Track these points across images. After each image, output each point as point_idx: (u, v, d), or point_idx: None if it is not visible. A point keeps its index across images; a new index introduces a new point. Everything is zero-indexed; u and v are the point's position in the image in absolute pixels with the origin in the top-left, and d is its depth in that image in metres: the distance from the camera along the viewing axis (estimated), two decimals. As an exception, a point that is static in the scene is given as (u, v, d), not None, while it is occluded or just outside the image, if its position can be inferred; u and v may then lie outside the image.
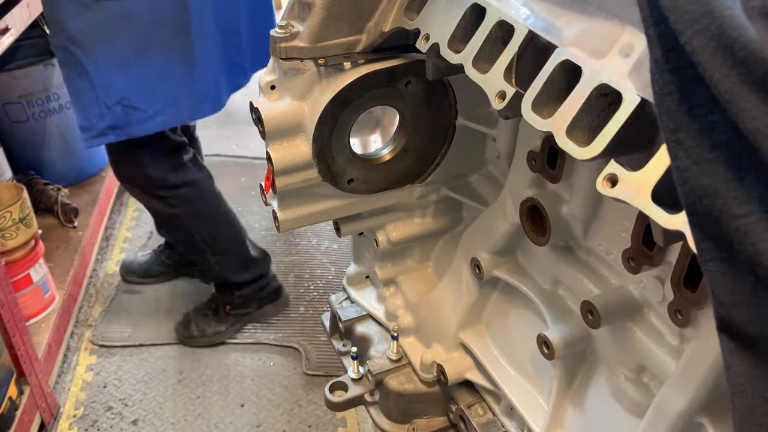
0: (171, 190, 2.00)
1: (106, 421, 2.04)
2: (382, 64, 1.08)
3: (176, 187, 2.00)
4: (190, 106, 1.83)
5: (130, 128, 1.77)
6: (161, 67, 1.74)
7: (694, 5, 0.47)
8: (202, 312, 2.31)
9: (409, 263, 1.45)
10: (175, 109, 1.81)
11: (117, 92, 1.72)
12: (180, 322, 2.33)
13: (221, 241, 2.18)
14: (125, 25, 1.67)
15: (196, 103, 1.84)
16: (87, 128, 1.76)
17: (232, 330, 2.31)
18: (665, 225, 0.57)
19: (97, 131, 1.76)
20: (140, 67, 1.72)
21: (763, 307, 0.48)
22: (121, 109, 1.73)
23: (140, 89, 1.74)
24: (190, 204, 2.05)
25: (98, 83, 1.71)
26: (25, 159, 2.67)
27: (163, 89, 1.76)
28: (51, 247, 2.41)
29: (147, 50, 1.71)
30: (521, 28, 0.76)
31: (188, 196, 2.04)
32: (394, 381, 1.36)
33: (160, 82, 1.75)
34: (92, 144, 1.80)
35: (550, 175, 1.00)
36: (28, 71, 2.54)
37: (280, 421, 2.01)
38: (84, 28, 1.66)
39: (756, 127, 0.44)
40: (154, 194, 2.02)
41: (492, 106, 0.79)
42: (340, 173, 1.18)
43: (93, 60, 1.69)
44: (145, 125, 1.78)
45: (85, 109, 1.74)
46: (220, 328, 2.30)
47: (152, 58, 1.72)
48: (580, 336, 1.03)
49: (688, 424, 0.82)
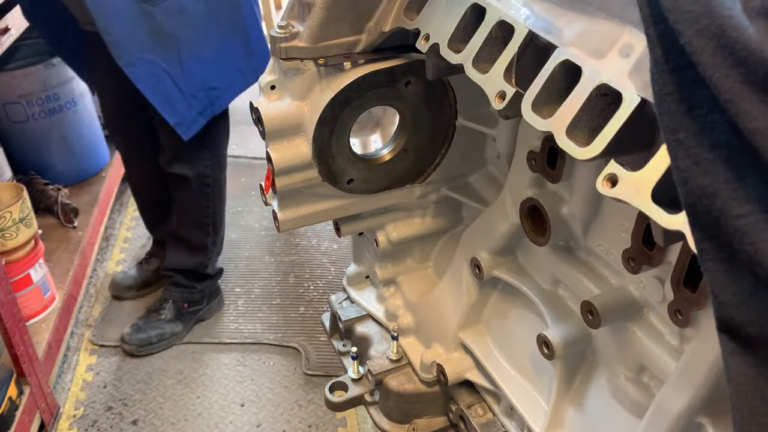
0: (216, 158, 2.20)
1: (106, 421, 2.04)
2: (382, 64, 1.08)
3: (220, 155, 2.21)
4: (252, 69, 2.02)
5: (213, 107, 1.99)
6: (223, 45, 1.94)
7: (694, 5, 0.47)
8: (156, 316, 2.29)
9: (409, 263, 1.45)
10: (241, 77, 2.01)
11: (197, 80, 1.92)
12: (129, 333, 2.26)
13: (220, 223, 2.30)
14: (184, 18, 1.85)
15: (255, 65, 2.01)
16: (181, 123, 1.93)
17: (185, 330, 2.32)
18: (665, 225, 0.57)
19: (191, 121, 1.94)
20: (208, 52, 1.91)
21: (763, 307, 0.48)
22: (204, 93, 1.94)
23: (214, 71, 1.94)
24: (219, 180, 2.23)
25: (179, 78, 1.88)
26: (25, 159, 2.67)
27: (229, 63, 1.97)
28: (51, 247, 2.41)
29: (209, 36, 1.90)
30: (521, 28, 0.76)
31: (223, 170, 2.24)
32: (394, 381, 1.36)
33: (226, 59, 1.96)
34: (189, 134, 1.95)
35: (550, 175, 1.00)
36: (28, 71, 2.54)
37: (280, 421, 2.02)
38: (150, 34, 1.80)
39: (756, 127, 0.44)
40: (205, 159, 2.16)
41: (492, 106, 0.79)
42: (340, 173, 1.18)
43: (168, 60, 1.84)
44: (223, 100, 2.01)
45: (174, 107, 1.90)
46: (177, 328, 2.30)
47: (215, 40, 1.92)
48: (580, 336, 1.03)
49: (688, 424, 0.82)
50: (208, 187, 2.19)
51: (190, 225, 2.26)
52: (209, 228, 2.26)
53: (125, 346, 2.25)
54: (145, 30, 1.79)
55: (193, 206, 2.22)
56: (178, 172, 2.13)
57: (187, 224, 2.27)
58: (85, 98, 2.81)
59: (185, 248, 2.30)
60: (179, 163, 2.12)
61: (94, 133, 2.90)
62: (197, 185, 2.17)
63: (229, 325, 2.38)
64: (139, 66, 1.81)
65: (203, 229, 2.26)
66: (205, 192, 2.20)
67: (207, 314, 2.38)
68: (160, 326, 2.27)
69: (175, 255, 2.33)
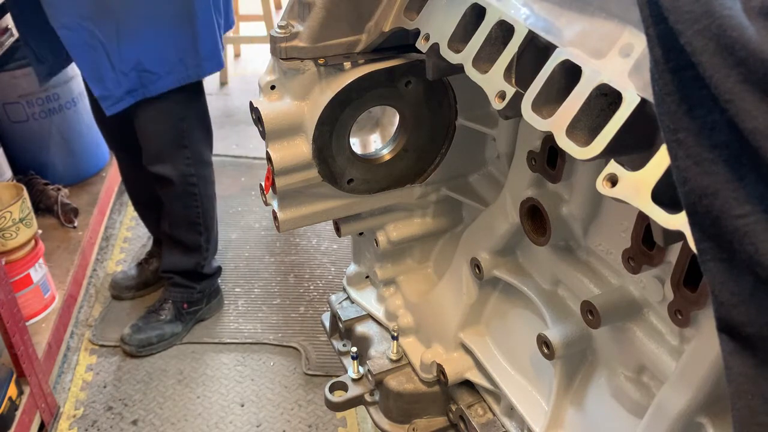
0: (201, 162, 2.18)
1: (106, 421, 2.04)
2: (382, 64, 1.08)
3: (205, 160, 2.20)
4: (196, 65, 1.98)
5: (144, 89, 1.93)
6: (168, 32, 1.89)
7: (694, 5, 0.47)
8: (155, 317, 2.29)
9: (409, 263, 1.45)
10: (183, 68, 1.96)
11: (131, 59, 1.87)
12: (129, 334, 2.25)
13: (212, 222, 2.29)
14: None
15: (200, 61, 1.99)
16: (106, 97, 1.89)
17: (186, 330, 2.32)
18: (665, 225, 0.57)
19: (116, 98, 1.90)
20: (149, 34, 1.87)
21: (763, 307, 0.48)
22: (135, 74, 1.89)
23: (152, 54, 1.89)
24: (205, 178, 2.21)
25: (113, 53, 1.85)
26: (25, 159, 2.67)
27: (171, 51, 1.92)
28: (51, 247, 2.40)
29: (154, 17, 1.85)
30: (521, 28, 0.76)
31: (208, 167, 2.22)
32: (394, 381, 1.36)
33: (168, 44, 1.90)
34: (114, 110, 1.92)
35: (550, 175, 1.00)
36: (28, 71, 2.54)
37: (280, 421, 2.02)
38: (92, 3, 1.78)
39: (756, 127, 0.44)
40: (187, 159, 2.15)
41: (492, 106, 0.79)
42: (340, 173, 1.18)
43: (106, 33, 1.82)
44: (157, 85, 1.94)
45: (103, 80, 1.87)
46: (177, 328, 2.29)
47: (159, 24, 1.87)
48: (580, 336, 1.03)
49: (688, 424, 0.82)
50: (194, 186, 2.16)
51: (181, 226, 2.24)
52: (200, 227, 2.24)
53: (125, 347, 2.25)
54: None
55: (181, 207, 2.20)
56: (160, 172, 2.11)
57: (178, 226, 2.25)
58: (85, 98, 2.80)
59: (180, 249, 2.29)
60: (160, 164, 2.10)
61: (94, 133, 2.89)
62: (181, 185, 2.14)
63: (229, 325, 2.37)
64: (74, 31, 1.80)
65: (195, 229, 2.24)
66: (191, 192, 2.17)
67: (207, 314, 2.38)
68: (160, 327, 2.26)
69: (171, 256, 2.31)
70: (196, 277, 2.31)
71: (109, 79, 1.87)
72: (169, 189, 2.15)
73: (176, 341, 2.29)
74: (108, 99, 1.90)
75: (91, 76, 1.87)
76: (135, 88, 1.92)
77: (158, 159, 2.09)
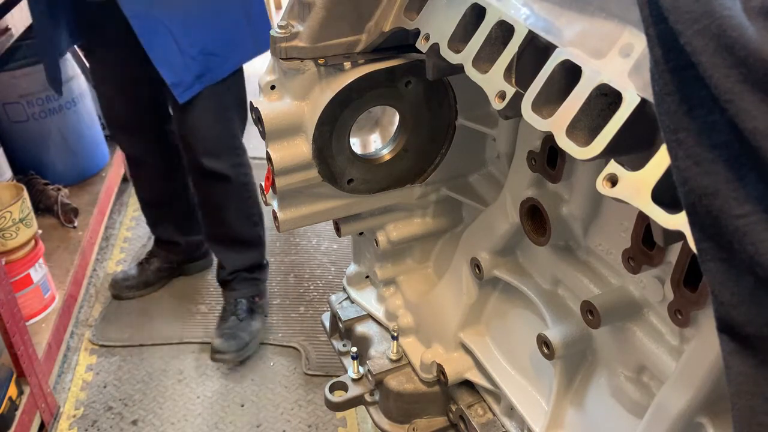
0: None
1: (106, 421, 2.04)
2: (382, 64, 1.08)
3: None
4: (252, 44, 2.03)
5: (212, 74, 1.97)
6: (225, 15, 1.96)
7: (694, 5, 0.47)
8: (235, 319, 2.23)
9: (409, 263, 1.45)
10: (242, 49, 2.02)
11: (198, 43, 1.92)
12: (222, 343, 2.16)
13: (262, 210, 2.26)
14: None
15: (255, 41, 2.03)
16: (178, 84, 1.92)
17: (262, 322, 2.30)
18: (665, 225, 0.57)
19: (187, 83, 1.93)
20: (210, 17, 1.93)
21: (763, 307, 0.48)
22: (202, 57, 1.93)
23: (214, 37, 1.94)
24: (249, 166, 2.22)
25: (181, 38, 1.89)
26: (25, 159, 2.67)
27: (231, 32, 1.97)
28: (51, 247, 2.41)
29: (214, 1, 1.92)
30: (521, 28, 0.76)
31: (246, 153, 2.22)
32: (394, 381, 1.36)
33: (226, 27, 1.96)
34: (186, 97, 1.94)
35: (550, 175, 1.00)
36: (28, 71, 2.54)
37: (280, 421, 2.02)
38: None
39: (756, 127, 0.44)
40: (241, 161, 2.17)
41: (492, 106, 0.79)
42: (340, 173, 1.18)
43: (172, 18, 1.85)
44: (223, 68, 1.99)
45: (173, 67, 1.90)
46: (258, 324, 2.27)
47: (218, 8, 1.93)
48: (580, 336, 1.03)
49: (688, 424, 0.82)
50: (246, 176, 2.17)
51: (241, 223, 2.21)
52: (256, 218, 2.24)
53: (225, 357, 2.16)
54: None
55: (238, 202, 2.17)
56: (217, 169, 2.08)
57: (237, 224, 2.21)
58: (85, 98, 2.81)
59: (242, 246, 2.26)
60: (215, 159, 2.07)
61: (94, 133, 2.90)
62: (236, 179, 2.13)
63: (229, 325, 2.37)
64: (144, 20, 1.83)
65: (253, 221, 2.23)
66: (244, 182, 2.17)
67: None
68: (245, 326, 2.22)
69: (234, 255, 2.27)
70: (259, 269, 2.32)
71: (179, 65, 1.90)
72: (225, 186, 2.12)
73: (261, 336, 2.27)
74: (179, 86, 1.92)
75: (162, 63, 1.88)
76: (203, 72, 1.95)
77: (213, 153, 2.07)
